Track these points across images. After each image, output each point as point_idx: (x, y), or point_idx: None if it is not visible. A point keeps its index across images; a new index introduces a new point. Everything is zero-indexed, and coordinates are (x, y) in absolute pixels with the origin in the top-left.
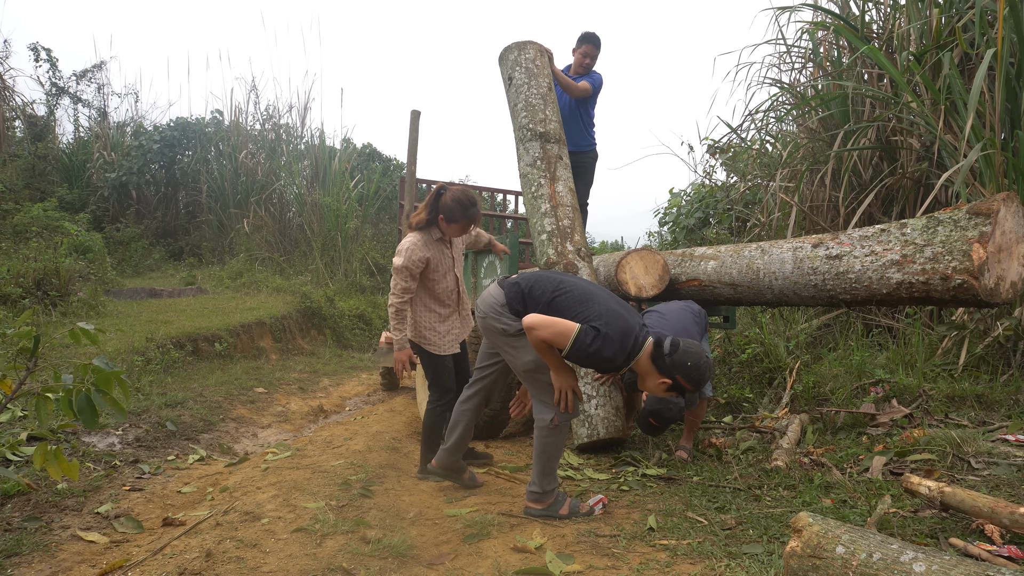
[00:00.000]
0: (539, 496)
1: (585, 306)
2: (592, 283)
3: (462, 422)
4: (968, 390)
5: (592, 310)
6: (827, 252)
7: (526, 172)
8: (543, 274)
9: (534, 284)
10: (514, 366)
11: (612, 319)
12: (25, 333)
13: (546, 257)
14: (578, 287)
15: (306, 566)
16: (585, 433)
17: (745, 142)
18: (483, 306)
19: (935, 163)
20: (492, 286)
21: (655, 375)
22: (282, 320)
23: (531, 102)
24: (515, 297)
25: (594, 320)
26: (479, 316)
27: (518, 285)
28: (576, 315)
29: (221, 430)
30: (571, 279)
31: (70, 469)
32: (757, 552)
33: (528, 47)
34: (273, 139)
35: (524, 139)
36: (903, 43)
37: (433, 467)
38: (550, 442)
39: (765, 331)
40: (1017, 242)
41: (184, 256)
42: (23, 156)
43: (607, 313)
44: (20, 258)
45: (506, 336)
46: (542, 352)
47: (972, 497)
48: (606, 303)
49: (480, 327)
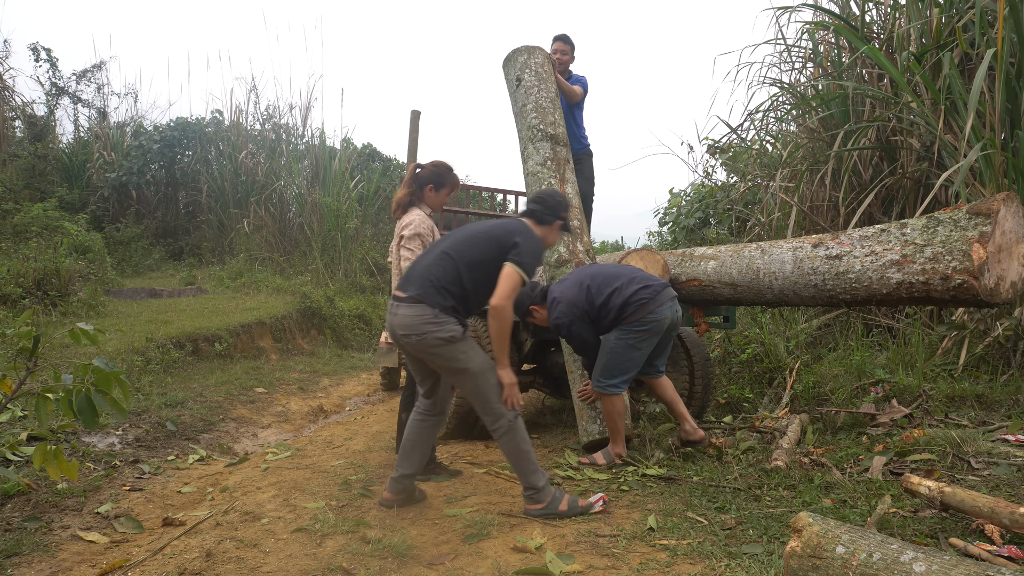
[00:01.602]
0: (535, 495)
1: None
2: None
3: (423, 442)
4: (968, 390)
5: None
6: (827, 252)
7: (535, 171)
8: (433, 257)
9: (442, 270)
10: (464, 375)
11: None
12: (25, 333)
13: (557, 254)
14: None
15: (306, 566)
16: (597, 430)
17: (745, 142)
18: (405, 327)
19: (935, 163)
20: (398, 307)
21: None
22: (282, 320)
23: (541, 104)
24: (444, 290)
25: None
26: (404, 341)
27: (432, 280)
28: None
29: (221, 430)
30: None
31: (70, 469)
32: (757, 552)
33: (537, 52)
34: (273, 139)
35: (534, 139)
36: (903, 43)
37: (386, 499)
38: (517, 441)
39: (765, 331)
40: (1017, 242)
41: (184, 256)
42: (23, 156)
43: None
44: (20, 258)
45: (452, 344)
46: (500, 341)
47: (972, 497)
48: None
49: (412, 351)
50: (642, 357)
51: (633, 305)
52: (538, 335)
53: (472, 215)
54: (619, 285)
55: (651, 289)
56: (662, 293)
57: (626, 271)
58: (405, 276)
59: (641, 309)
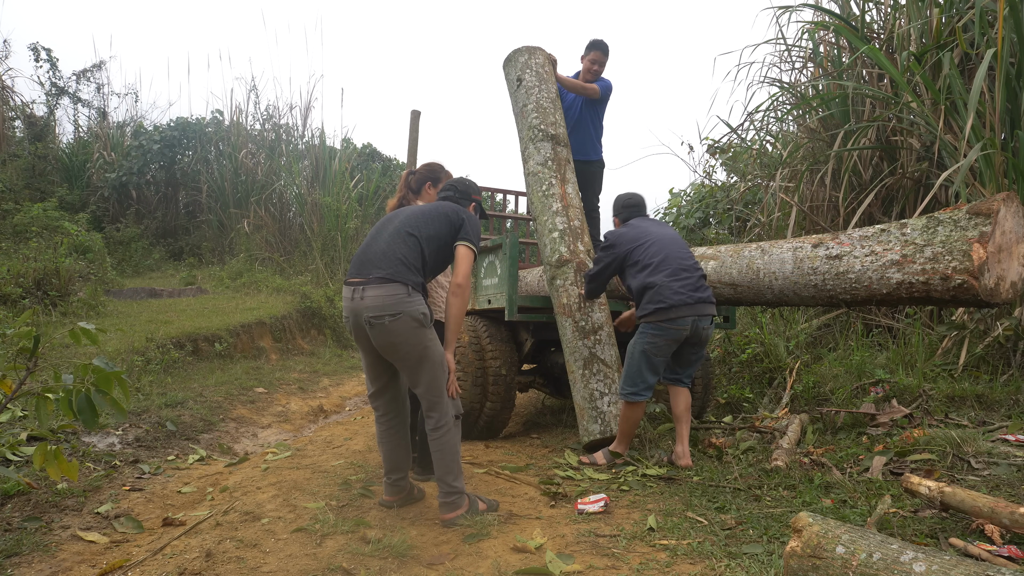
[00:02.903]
0: (456, 499)
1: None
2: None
3: (399, 444)
4: (968, 390)
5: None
6: (827, 252)
7: (536, 171)
8: (391, 238)
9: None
10: (424, 364)
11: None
12: (25, 333)
13: (558, 254)
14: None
15: (306, 566)
16: (598, 429)
17: (745, 142)
18: (378, 308)
19: (935, 163)
20: (364, 290)
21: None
22: (282, 320)
23: (542, 104)
24: (413, 267)
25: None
26: (376, 324)
27: (400, 258)
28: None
29: (221, 430)
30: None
31: (70, 469)
32: (757, 552)
33: (538, 52)
34: (273, 139)
35: (535, 139)
36: (903, 43)
37: (386, 500)
38: (455, 442)
39: (765, 331)
40: (1017, 242)
41: (184, 256)
42: (23, 156)
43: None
44: (20, 258)
45: (423, 328)
46: (458, 322)
47: (972, 497)
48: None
49: (379, 338)
50: (660, 364)
51: (651, 297)
52: (538, 335)
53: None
54: (657, 262)
55: (680, 295)
56: (693, 306)
57: (676, 256)
58: (361, 261)
59: (659, 312)
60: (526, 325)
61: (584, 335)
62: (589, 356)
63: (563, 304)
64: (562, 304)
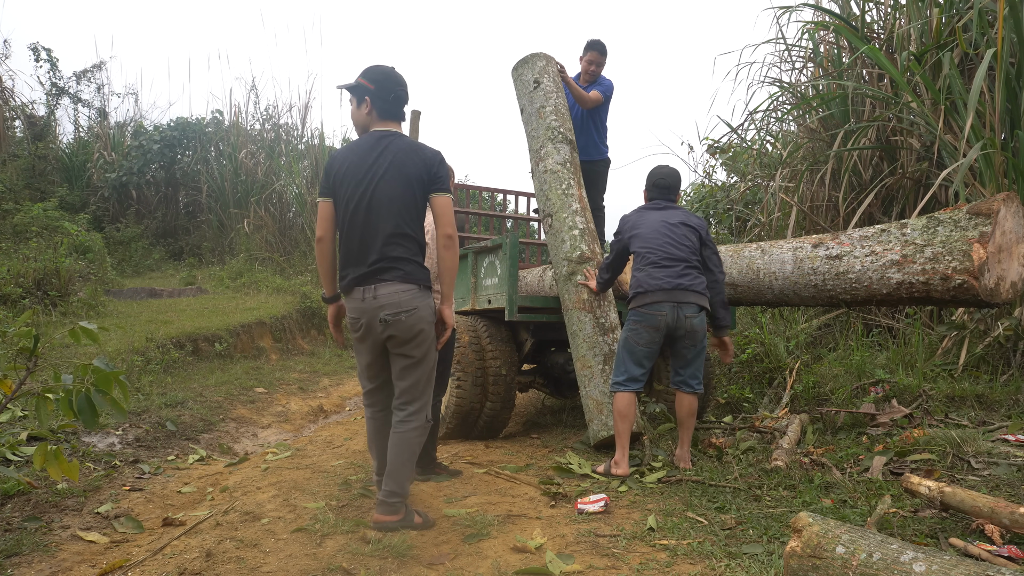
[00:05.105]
0: (396, 504)
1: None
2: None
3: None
4: (968, 390)
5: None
6: (827, 252)
7: (555, 169)
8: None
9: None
10: (425, 362)
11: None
12: (25, 333)
13: (579, 251)
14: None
15: (306, 566)
16: (606, 430)
17: (745, 142)
18: (394, 306)
19: (935, 163)
20: (377, 288)
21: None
22: (282, 320)
23: (560, 109)
24: (412, 250)
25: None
26: (395, 319)
27: (406, 235)
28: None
29: (221, 430)
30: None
31: (70, 469)
32: (757, 552)
33: (553, 61)
34: (273, 139)
35: (554, 139)
36: (903, 43)
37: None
38: (419, 438)
39: (765, 331)
40: (1017, 242)
41: (184, 256)
42: (23, 156)
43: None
44: (20, 258)
45: (431, 317)
46: (453, 274)
47: (972, 497)
48: None
49: (399, 333)
50: (643, 355)
51: (632, 284)
52: (538, 335)
53: (472, 215)
54: (644, 253)
55: (656, 280)
56: (670, 291)
57: (663, 246)
58: (356, 258)
59: (637, 298)
60: (526, 325)
61: (604, 332)
62: (609, 352)
63: (583, 300)
64: (582, 300)
